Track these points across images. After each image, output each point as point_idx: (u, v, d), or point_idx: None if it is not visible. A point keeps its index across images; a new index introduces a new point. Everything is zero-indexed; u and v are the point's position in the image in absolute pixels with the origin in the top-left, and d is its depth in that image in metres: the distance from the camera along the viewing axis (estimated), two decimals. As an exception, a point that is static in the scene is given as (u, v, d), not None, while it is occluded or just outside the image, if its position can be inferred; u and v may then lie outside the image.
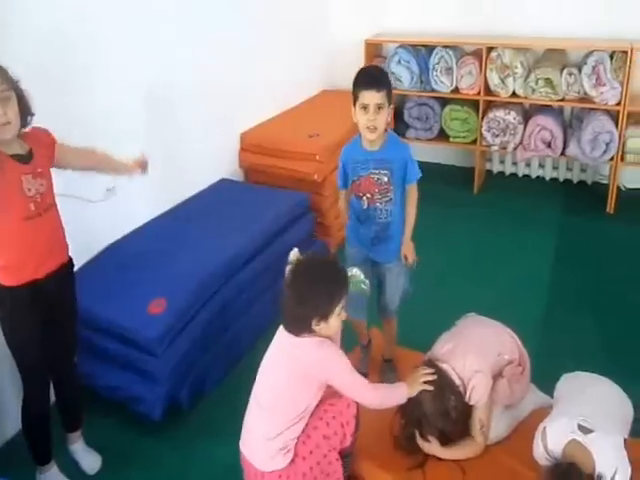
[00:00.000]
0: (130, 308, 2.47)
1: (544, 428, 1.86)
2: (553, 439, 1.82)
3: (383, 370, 2.57)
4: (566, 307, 3.18)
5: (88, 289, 2.33)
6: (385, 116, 2.20)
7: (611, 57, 3.99)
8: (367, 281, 2.34)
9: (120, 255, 2.79)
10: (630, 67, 3.91)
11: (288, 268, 1.99)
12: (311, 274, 1.91)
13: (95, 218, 2.74)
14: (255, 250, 2.94)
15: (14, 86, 1.82)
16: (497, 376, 2.12)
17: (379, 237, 2.37)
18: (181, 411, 2.50)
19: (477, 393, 2.03)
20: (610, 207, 4.18)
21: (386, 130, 2.28)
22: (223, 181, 3.57)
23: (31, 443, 2.16)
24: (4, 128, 1.80)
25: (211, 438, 2.42)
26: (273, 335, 2.91)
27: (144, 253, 2.79)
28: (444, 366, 2.06)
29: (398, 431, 2.12)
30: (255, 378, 2.38)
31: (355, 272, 2.34)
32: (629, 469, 1.74)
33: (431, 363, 2.10)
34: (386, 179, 2.26)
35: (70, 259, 2.11)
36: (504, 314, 2.35)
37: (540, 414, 2.20)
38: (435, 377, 2.03)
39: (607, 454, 1.74)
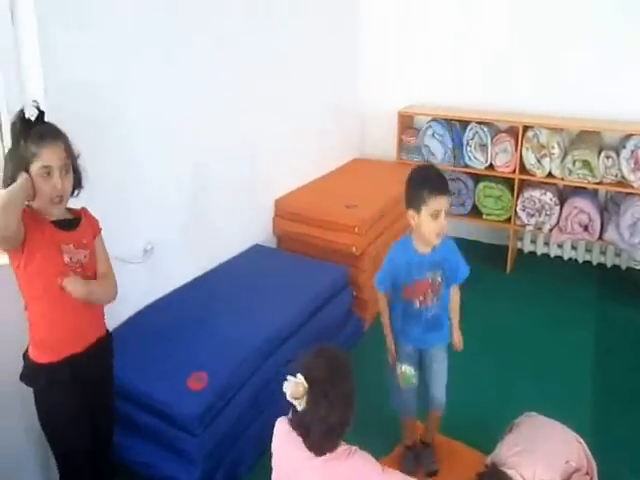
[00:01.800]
0: (168, 381, 2.40)
1: None
2: None
3: (420, 452, 2.57)
4: (612, 401, 3.11)
5: (122, 356, 2.24)
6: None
7: (650, 143, 4.08)
8: (416, 374, 2.38)
9: (156, 321, 2.75)
10: (670, 152, 3.99)
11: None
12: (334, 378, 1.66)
13: (130, 280, 2.71)
14: (296, 325, 2.90)
15: (73, 158, 1.83)
16: None
17: (428, 328, 2.38)
18: (214, 496, 2.39)
19: None
20: (646, 294, 4.18)
21: None
22: (257, 247, 3.57)
23: None
24: (58, 203, 1.80)
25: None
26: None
27: (180, 321, 2.74)
28: (511, 473, 1.99)
29: None
30: None
31: (405, 368, 2.37)
32: None
33: (496, 468, 2.02)
34: (439, 279, 2.30)
35: (108, 332, 2.06)
36: (551, 412, 2.30)
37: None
38: None
39: None
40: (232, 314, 2.81)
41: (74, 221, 1.89)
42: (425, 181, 2.19)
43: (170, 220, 2.97)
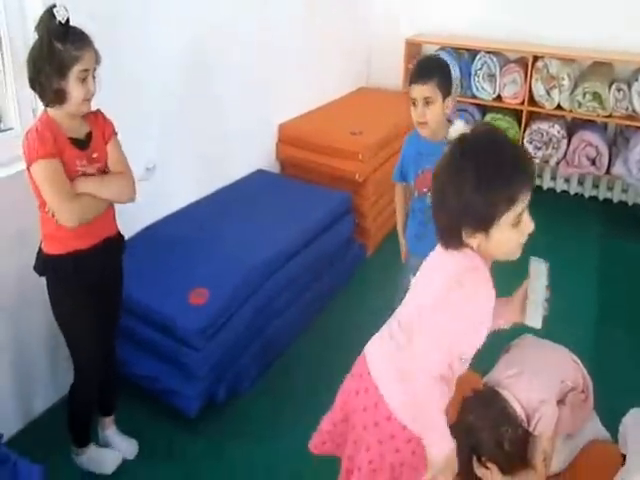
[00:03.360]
0: (170, 295, 2.43)
1: None
2: None
3: None
4: (615, 330, 3.16)
5: (125, 271, 2.27)
6: (438, 110, 2.14)
7: (663, 74, 4.02)
8: None
9: (159, 238, 2.76)
10: (683, 84, 3.92)
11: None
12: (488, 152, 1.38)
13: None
14: (297, 248, 2.91)
15: (98, 63, 1.86)
16: (559, 403, 2.08)
17: None
18: (216, 407, 2.47)
19: (543, 424, 1.97)
20: (652, 230, 4.19)
21: (450, 121, 2.19)
22: (260, 172, 3.56)
23: (75, 426, 2.16)
24: (85, 103, 1.84)
25: (246, 438, 2.40)
26: (308, 339, 2.94)
27: (183, 239, 2.76)
28: (505, 393, 2.01)
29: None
30: (289, 380, 2.36)
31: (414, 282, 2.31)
32: None
33: (491, 389, 2.05)
34: None
35: (120, 234, 2.11)
36: (552, 335, 2.33)
37: (600, 448, 2.16)
38: None
39: None
40: (234, 235, 2.82)
41: (87, 137, 1.91)
42: (413, 70, 2.19)
43: (172, 141, 2.93)
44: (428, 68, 2.19)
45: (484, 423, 1.95)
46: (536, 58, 4.26)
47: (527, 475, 2.04)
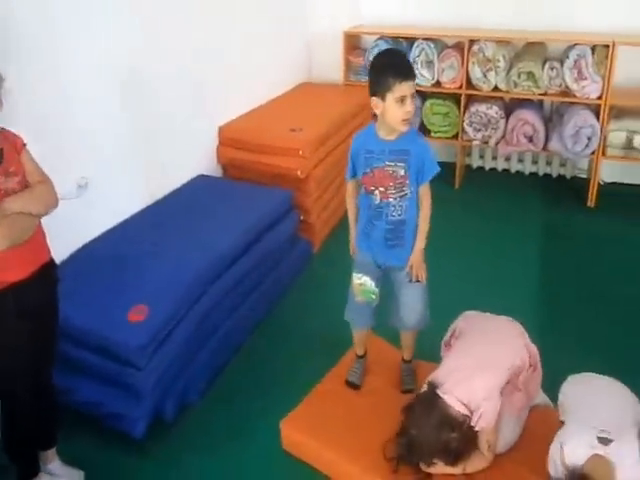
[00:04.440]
0: (109, 316, 2.26)
1: (561, 445, 1.74)
2: (572, 456, 1.70)
3: (403, 371, 2.44)
4: (555, 301, 3.11)
5: (61, 294, 2.10)
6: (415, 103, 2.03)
7: (592, 51, 3.93)
8: (376, 290, 2.21)
9: (95, 257, 2.58)
10: (612, 61, 3.85)
11: None
12: None
13: (65, 217, 2.53)
14: (239, 252, 2.75)
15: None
16: (511, 387, 2.01)
17: (392, 238, 2.15)
18: (164, 423, 2.31)
19: (485, 420, 1.91)
20: (591, 201, 4.13)
21: None
22: (201, 177, 3.36)
23: (18, 462, 2.00)
24: None
25: (198, 452, 2.25)
26: (258, 340, 2.80)
27: (121, 255, 2.58)
28: (446, 398, 1.92)
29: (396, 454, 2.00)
30: (239, 385, 2.19)
31: (364, 281, 2.20)
32: None
33: (431, 393, 1.95)
34: (402, 172, 2.05)
35: (52, 260, 1.93)
36: (497, 307, 2.25)
37: (543, 418, 2.10)
38: None
39: (629, 463, 1.67)
40: (174, 245, 2.65)
41: (0, 153, 1.75)
42: (390, 66, 2.00)
43: (104, 154, 2.73)
44: (408, 64, 2.07)
45: (428, 435, 1.90)
46: (472, 42, 4.15)
47: (473, 460, 1.98)
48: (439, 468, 1.97)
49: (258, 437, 2.29)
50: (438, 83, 4.32)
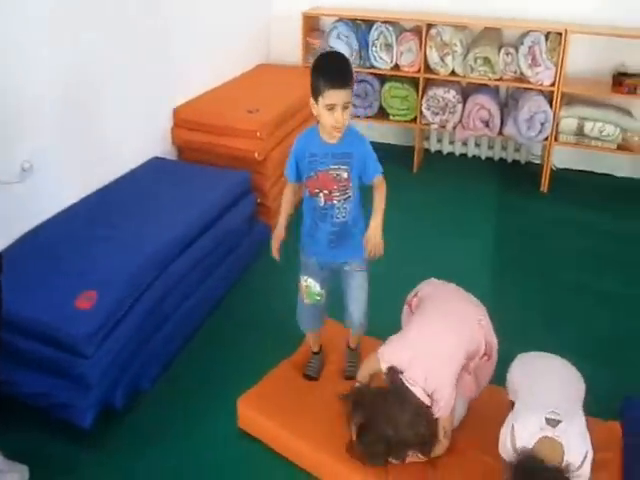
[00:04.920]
0: (54, 303, 2.11)
1: (512, 427, 1.72)
2: (523, 438, 1.69)
3: (348, 357, 2.39)
4: (509, 283, 3.10)
5: (4, 284, 1.95)
6: (350, 111, 1.91)
7: (546, 38, 3.90)
8: (322, 292, 2.17)
9: (42, 243, 2.41)
10: (564, 49, 3.83)
11: None
12: None
13: (11, 202, 2.36)
14: (194, 235, 2.63)
15: None
16: (462, 371, 1.96)
17: (336, 239, 2.09)
18: (115, 413, 2.19)
19: (445, 409, 1.87)
20: (544, 186, 4.13)
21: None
22: (156, 160, 3.19)
23: None
24: None
25: (150, 439, 2.14)
26: (215, 324, 2.69)
27: (70, 240, 2.42)
28: (415, 390, 1.86)
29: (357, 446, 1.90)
30: (194, 370, 2.12)
31: (309, 282, 2.16)
32: (592, 452, 1.67)
33: (402, 385, 1.88)
34: (345, 175, 1.99)
35: None
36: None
37: (496, 398, 2.07)
38: None
39: (576, 444, 1.66)
40: (126, 229, 2.50)
41: None
42: (324, 71, 1.89)
43: (52, 136, 2.55)
44: (345, 71, 1.91)
45: (406, 432, 1.83)
46: (430, 26, 4.06)
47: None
48: (409, 458, 1.92)
49: (213, 420, 2.21)
50: (397, 66, 4.23)
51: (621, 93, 3.90)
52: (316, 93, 1.89)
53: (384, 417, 1.84)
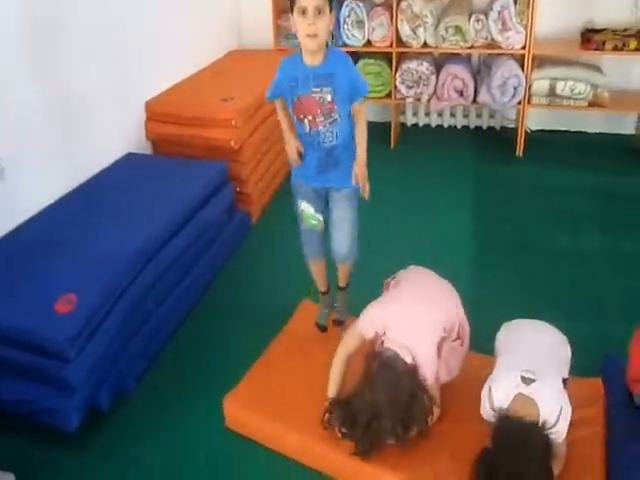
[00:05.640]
0: (33, 307, 2.02)
1: (490, 388, 1.70)
2: (499, 397, 1.67)
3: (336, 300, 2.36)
4: (490, 250, 3.02)
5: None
6: (326, 22, 1.81)
7: (515, 2, 3.76)
8: (318, 216, 2.09)
9: (17, 246, 2.31)
10: (533, 11, 3.70)
11: None
12: None
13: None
14: (174, 230, 2.53)
15: None
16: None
17: (325, 164, 2.01)
18: (100, 414, 2.11)
19: (428, 373, 1.82)
20: (519, 150, 4.02)
21: (327, 44, 1.89)
22: (130, 155, 3.06)
23: None
24: None
25: (137, 440, 2.06)
26: (199, 317, 2.61)
27: (45, 242, 2.32)
28: (399, 351, 1.79)
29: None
30: (180, 366, 2.07)
31: (305, 207, 2.09)
32: (570, 409, 1.65)
33: (403, 363, 1.81)
34: (329, 97, 1.88)
35: None
36: (432, 266, 2.12)
37: (485, 364, 2.01)
38: None
39: (550, 400, 1.64)
40: (104, 228, 2.40)
41: None
42: None
43: (22, 136, 2.43)
44: None
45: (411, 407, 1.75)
46: (399, -1, 3.91)
47: None
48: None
49: (201, 418, 2.13)
50: (369, 42, 4.09)
51: (590, 50, 3.78)
52: (291, 3, 1.82)
53: (376, 386, 1.74)
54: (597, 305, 2.58)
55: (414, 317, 1.86)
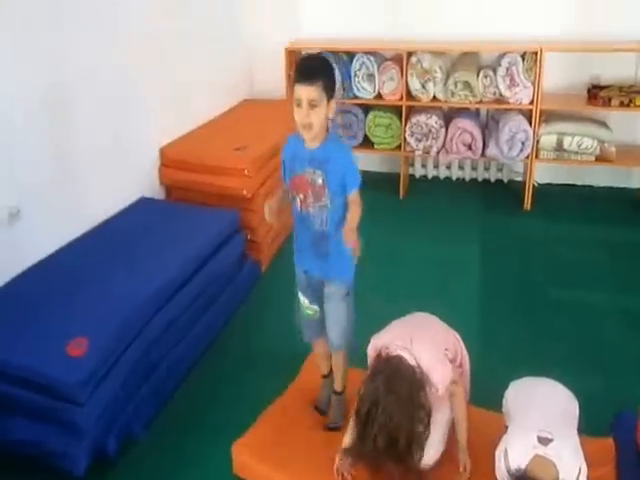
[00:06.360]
0: (46, 351, 2.08)
1: (505, 449, 1.71)
2: (515, 459, 1.68)
3: (332, 404, 2.29)
4: (497, 303, 3.08)
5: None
6: (322, 114, 1.88)
7: (523, 58, 3.94)
8: (313, 307, 2.17)
9: (30, 289, 2.39)
10: (540, 67, 3.86)
11: None
12: None
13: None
14: (185, 277, 2.61)
15: None
16: None
17: (316, 249, 2.06)
18: (108, 460, 2.14)
19: (439, 380, 1.85)
20: (527, 203, 4.13)
21: (328, 130, 1.96)
22: (143, 200, 3.18)
23: None
24: None
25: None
26: (208, 365, 2.65)
27: (57, 288, 2.40)
28: (404, 354, 1.83)
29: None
30: (189, 413, 2.07)
31: (300, 298, 2.19)
32: (586, 469, 1.66)
33: (393, 357, 1.84)
34: (320, 181, 1.94)
35: None
36: (438, 316, 2.17)
37: (496, 423, 2.04)
38: None
39: (569, 461, 1.65)
40: (115, 273, 2.49)
41: None
42: (295, 69, 1.95)
43: (37, 181, 2.54)
44: (314, 68, 1.92)
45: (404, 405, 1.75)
46: (410, 54, 4.10)
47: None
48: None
49: (208, 465, 2.16)
50: (379, 95, 4.26)
51: (596, 105, 3.93)
52: (292, 82, 1.93)
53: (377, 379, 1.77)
54: (607, 362, 2.61)
55: (416, 335, 1.92)
